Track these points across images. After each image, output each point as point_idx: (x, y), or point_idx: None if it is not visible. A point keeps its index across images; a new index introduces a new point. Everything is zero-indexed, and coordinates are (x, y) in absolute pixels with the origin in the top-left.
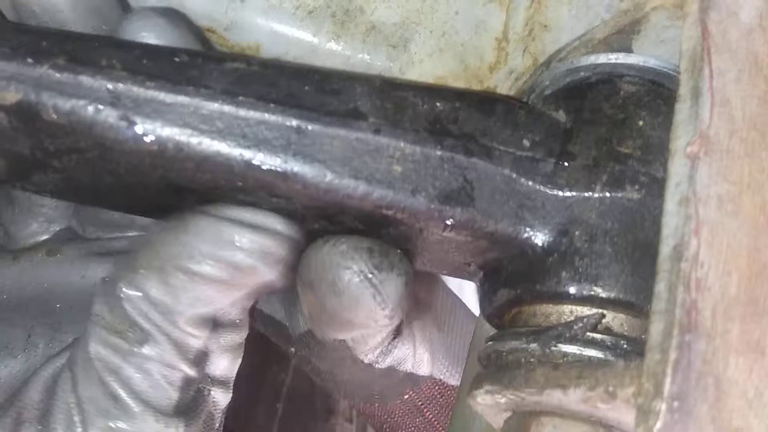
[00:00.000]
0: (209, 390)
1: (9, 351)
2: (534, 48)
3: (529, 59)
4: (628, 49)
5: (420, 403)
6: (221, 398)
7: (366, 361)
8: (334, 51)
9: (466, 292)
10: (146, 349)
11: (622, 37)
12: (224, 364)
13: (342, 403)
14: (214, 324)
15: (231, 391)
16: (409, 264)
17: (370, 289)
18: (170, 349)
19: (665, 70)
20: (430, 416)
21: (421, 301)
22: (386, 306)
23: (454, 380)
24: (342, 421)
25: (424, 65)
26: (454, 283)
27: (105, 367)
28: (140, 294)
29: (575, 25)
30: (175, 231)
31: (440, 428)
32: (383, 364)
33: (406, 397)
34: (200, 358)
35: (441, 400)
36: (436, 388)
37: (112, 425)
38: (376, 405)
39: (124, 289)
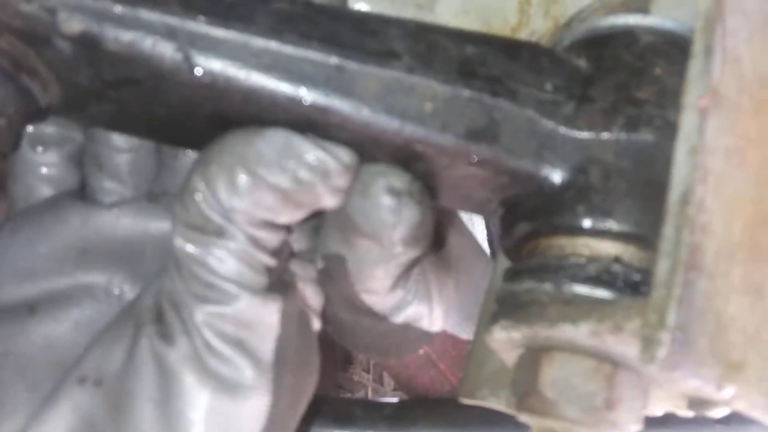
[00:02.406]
0: (296, 281)
1: (90, 293)
2: (555, 10)
3: (550, 21)
4: (646, 11)
5: (434, 356)
6: (313, 298)
7: (370, 302)
8: (362, 9)
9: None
10: (224, 241)
11: None
12: (308, 292)
13: (359, 354)
14: (286, 233)
15: (320, 297)
16: (433, 207)
17: (394, 203)
18: (245, 240)
19: (682, 31)
20: (444, 368)
21: (441, 261)
22: (398, 225)
23: (465, 335)
24: (360, 370)
25: (449, 26)
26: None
27: (192, 259)
28: (209, 189)
29: None
30: (249, 133)
31: (453, 379)
32: (398, 318)
33: (421, 352)
34: (278, 253)
35: (453, 352)
36: (449, 341)
37: (214, 308)
38: (392, 359)
39: (196, 183)
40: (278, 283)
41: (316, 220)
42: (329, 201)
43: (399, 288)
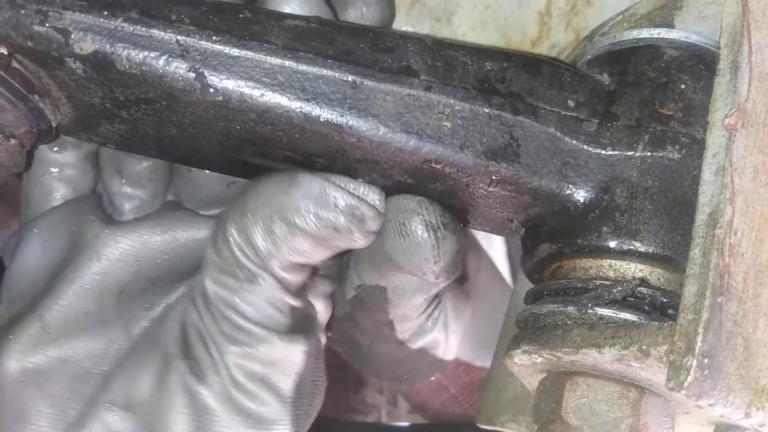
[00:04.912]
0: (314, 315)
1: (100, 306)
2: (576, 23)
3: (572, 34)
4: (670, 25)
5: (445, 381)
6: (323, 313)
7: (399, 329)
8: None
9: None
10: (254, 286)
11: (665, 12)
12: (320, 307)
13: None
14: (312, 271)
15: (330, 310)
16: (466, 236)
17: (433, 240)
18: (275, 285)
19: (706, 45)
20: (455, 392)
21: (459, 288)
22: (439, 260)
23: (479, 362)
24: (373, 392)
25: (466, 38)
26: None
27: (223, 302)
28: (246, 238)
29: (618, 0)
30: (284, 183)
31: (464, 403)
32: (416, 344)
33: (432, 378)
34: (302, 292)
35: (465, 378)
36: (462, 368)
37: (243, 350)
38: (404, 385)
39: (232, 231)
40: (300, 322)
41: None
42: (362, 243)
43: (427, 313)
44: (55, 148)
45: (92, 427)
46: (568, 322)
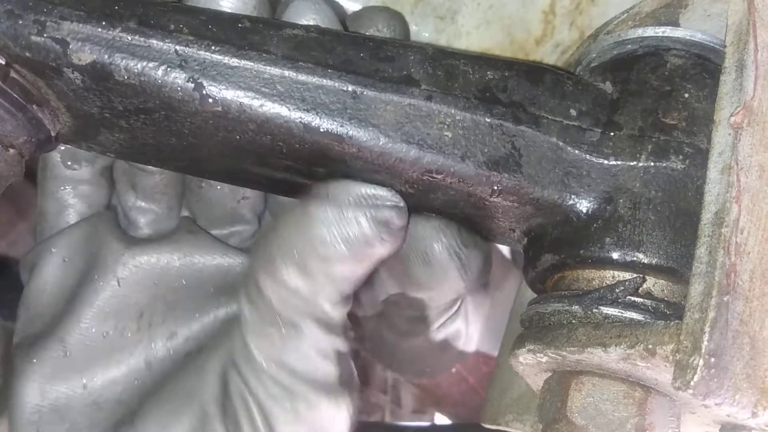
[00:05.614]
0: (353, 354)
1: (120, 330)
2: (581, 21)
3: (576, 33)
4: (675, 23)
5: (465, 372)
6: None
7: (434, 324)
8: None
9: None
10: (299, 335)
11: (670, 10)
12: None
13: (377, 375)
14: (351, 301)
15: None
16: (486, 243)
17: (457, 262)
18: (319, 330)
19: (711, 44)
20: (473, 382)
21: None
22: (468, 279)
23: (497, 351)
24: (377, 392)
25: (471, 37)
26: None
27: (268, 357)
28: (282, 284)
29: None
30: (301, 224)
31: (482, 393)
32: (440, 335)
33: (453, 370)
34: (345, 328)
35: (485, 369)
36: (481, 359)
37: (292, 412)
38: (425, 378)
39: (265, 281)
40: (346, 369)
41: None
42: (398, 243)
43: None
44: (69, 163)
45: None
46: (573, 321)
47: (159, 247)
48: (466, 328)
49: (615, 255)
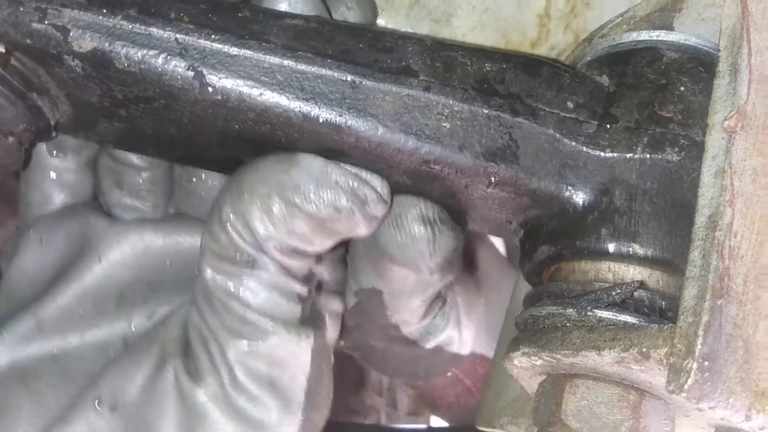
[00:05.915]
0: (323, 316)
1: (98, 308)
2: (576, 25)
3: (571, 36)
4: (669, 27)
5: (461, 375)
6: (332, 331)
7: (406, 332)
8: (378, 24)
9: None
10: (256, 272)
11: (664, 14)
12: (329, 324)
13: (373, 377)
14: (316, 260)
15: (338, 330)
16: (462, 233)
17: (429, 233)
18: (276, 269)
19: (705, 48)
20: (469, 384)
21: (471, 282)
22: (435, 255)
23: (493, 353)
24: (372, 394)
25: (466, 40)
26: None
27: (224, 291)
28: (243, 220)
29: (617, 3)
30: (284, 162)
31: (478, 395)
32: (430, 343)
33: (449, 374)
34: (308, 280)
35: (482, 371)
36: (477, 361)
37: (247, 345)
38: (420, 382)
39: (228, 213)
40: (309, 315)
41: (342, 251)
42: (363, 229)
43: (430, 315)
44: (55, 152)
45: (75, 424)
46: (568, 324)
47: (143, 225)
48: (459, 334)
49: (611, 246)
